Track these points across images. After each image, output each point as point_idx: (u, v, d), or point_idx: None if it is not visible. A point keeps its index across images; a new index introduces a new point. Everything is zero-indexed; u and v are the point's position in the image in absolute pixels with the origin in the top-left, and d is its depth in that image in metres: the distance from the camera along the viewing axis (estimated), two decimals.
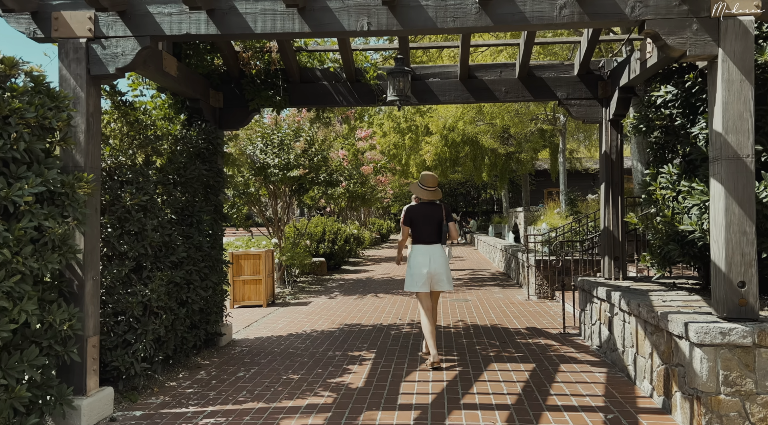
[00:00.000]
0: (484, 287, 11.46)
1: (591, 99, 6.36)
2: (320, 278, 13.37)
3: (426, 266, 5.41)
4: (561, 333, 6.78)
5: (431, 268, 5.41)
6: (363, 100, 6.60)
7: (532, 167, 24.96)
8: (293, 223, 13.90)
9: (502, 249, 14.79)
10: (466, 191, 41.13)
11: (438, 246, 5.50)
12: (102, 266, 4.55)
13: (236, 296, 9.34)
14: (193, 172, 5.64)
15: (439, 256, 5.47)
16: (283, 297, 10.33)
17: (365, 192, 18.77)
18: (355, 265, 17.23)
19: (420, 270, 5.41)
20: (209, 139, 6.11)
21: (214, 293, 6.03)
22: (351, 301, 9.78)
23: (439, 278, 5.45)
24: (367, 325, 7.56)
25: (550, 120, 18.38)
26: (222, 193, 6.42)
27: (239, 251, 9.40)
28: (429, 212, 5.52)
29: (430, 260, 5.42)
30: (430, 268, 5.40)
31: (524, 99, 6.51)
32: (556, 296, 9.49)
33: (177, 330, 5.17)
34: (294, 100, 6.62)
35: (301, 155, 10.55)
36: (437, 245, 5.50)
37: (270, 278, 9.75)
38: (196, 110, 6.20)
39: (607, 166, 6.29)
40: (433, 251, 5.46)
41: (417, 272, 5.43)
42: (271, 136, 10.61)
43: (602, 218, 6.38)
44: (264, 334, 7.09)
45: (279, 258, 10.94)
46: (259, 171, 10.47)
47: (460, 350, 6.02)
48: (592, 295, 5.97)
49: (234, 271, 9.33)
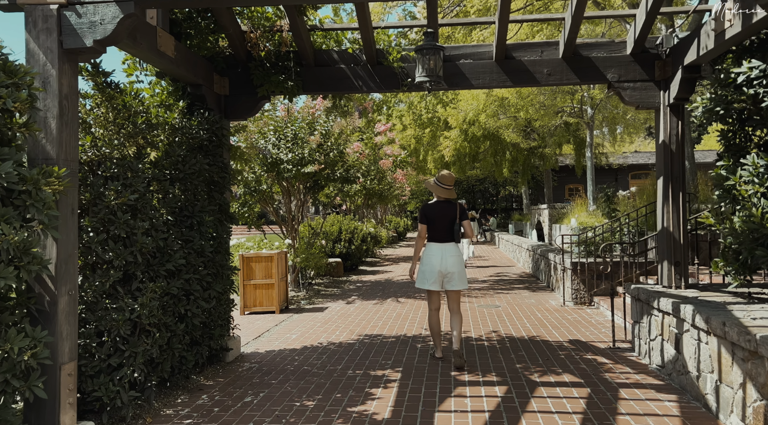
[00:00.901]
0: (513, 290, 10.66)
1: (646, 81, 5.55)
2: (336, 280, 12.67)
3: (438, 264, 5.40)
4: (610, 348, 5.99)
5: (443, 266, 5.40)
6: (385, 85, 5.85)
7: (556, 163, 24.05)
8: (308, 221, 13.21)
9: (528, 249, 13.97)
10: (485, 188, 40.24)
11: (452, 244, 5.50)
12: (82, 278, 3.87)
13: (247, 302, 8.66)
14: (193, 166, 4.94)
15: (452, 254, 5.46)
16: (298, 302, 9.64)
17: (382, 189, 18.05)
18: (373, 265, 16.51)
19: (432, 268, 5.42)
20: (213, 129, 5.41)
21: (218, 304, 5.33)
22: (370, 307, 9.05)
23: (450, 277, 5.42)
24: (390, 336, 6.82)
25: (576, 113, 17.49)
26: (228, 190, 5.72)
27: (250, 254, 8.72)
28: (444, 210, 5.54)
29: (442, 258, 5.42)
30: (441, 266, 5.40)
31: (569, 82, 5.72)
32: (594, 303, 8.68)
33: (174, 350, 4.48)
34: (308, 86, 5.89)
35: (316, 150, 9.84)
36: (451, 243, 5.50)
37: (283, 282, 9.06)
38: (198, 97, 5.50)
39: (665, 157, 5.48)
40: (446, 250, 5.46)
41: (428, 270, 5.44)
42: (284, 129, 9.91)
43: (660, 217, 5.58)
44: (276, 347, 6.39)
45: (293, 260, 10.25)
46: (272, 167, 9.78)
47: (499, 370, 5.26)
48: (652, 306, 5.18)
49: (244, 275, 8.65)
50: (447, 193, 5.58)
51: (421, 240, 5.70)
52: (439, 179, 5.61)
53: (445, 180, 5.59)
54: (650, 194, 10.27)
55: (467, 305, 8.97)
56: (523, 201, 31.80)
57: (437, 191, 5.60)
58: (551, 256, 10.52)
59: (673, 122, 5.45)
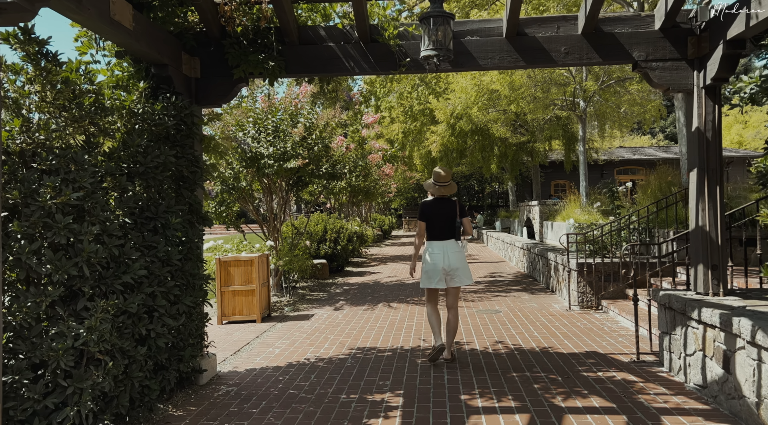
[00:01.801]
0: (511, 293, 10.01)
1: (678, 60, 4.89)
2: (322, 283, 11.91)
3: (441, 261, 5.37)
4: (634, 361, 5.34)
5: (446, 263, 5.37)
6: (381, 66, 5.12)
7: (545, 158, 23.50)
8: (291, 221, 12.43)
9: (523, 248, 13.35)
10: (470, 185, 39.70)
11: (452, 241, 5.47)
12: (10, 297, 3.09)
13: (225, 310, 7.88)
14: (156, 159, 4.16)
15: (454, 251, 5.43)
16: (281, 309, 8.87)
17: (368, 186, 17.33)
18: (359, 266, 15.77)
19: (435, 267, 5.39)
20: (181, 116, 4.63)
21: (189, 320, 4.56)
22: (360, 313, 8.32)
23: (455, 274, 5.39)
24: (385, 349, 6.10)
25: (568, 106, 16.92)
26: (199, 187, 4.95)
27: (228, 257, 7.94)
28: (443, 207, 5.53)
29: (444, 255, 5.39)
30: (444, 263, 5.37)
31: (590, 61, 5.04)
32: (603, 307, 8.05)
33: (134, 379, 3.71)
34: (291, 67, 5.14)
35: (299, 144, 9.07)
36: (451, 240, 5.47)
37: (265, 288, 8.29)
38: (164, 79, 4.72)
39: (700, 147, 4.84)
40: (448, 247, 5.43)
41: (432, 269, 5.41)
42: (264, 121, 9.12)
43: (693, 214, 4.93)
44: (257, 364, 5.64)
45: (275, 263, 9.48)
46: (251, 162, 9.00)
47: (515, 391, 4.57)
48: (689, 316, 4.53)
49: (222, 280, 7.86)
50: (444, 190, 5.55)
51: (421, 238, 5.66)
52: (435, 179, 5.57)
53: (441, 178, 5.55)
54: (655, 190, 9.69)
55: (465, 311, 8.29)
56: (509, 198, 31.28)
57: (434, 190, 5.57)
58: (551, 256, 9.89)
59: (708, 106, 4.80)
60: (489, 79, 15.04)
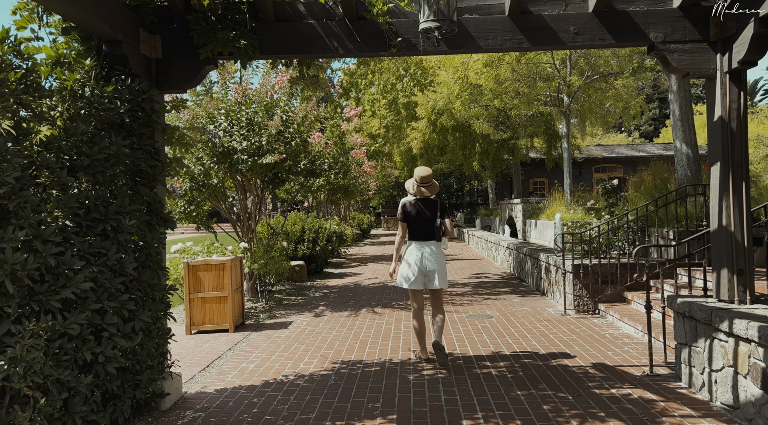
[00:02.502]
0: (500, 296, 9.51)
1: (699, 42, 4.41)
2: (300, 286, 11.27)
3: (418, 262, 5.32)
4: (648, 375, 4.85)
5: (423, 265, 5.32)
6: (368, 46, 4.53)
7: (527, 155, 23.16)
8: (266, 220, 11.77)
9: (509, 248, 12.89)
10: (449, 183, 39.32)
11: (433, 243, 5.39)
12: None
13: (194, 319, 7.21)
14: (106, 150, 3.52)
15: (433, 253, 5.35)
16: (256, 315, 8.23)
17: (348, 184, 16.72)
18: (339, 267, 15.15)
19: (412, 267, 5.34)
20: (137, 102, 3.99)
21: (148, 338, 3.92)
22: (342, 320, 7.73)
23: (432, 276, 5.32)
24: (372, 363, 5.53)
25: (553, 101, 16.53)
26: (160, 184, 4.31)
27: (197, 261, 7.27)
28: (424, 207, 5.44)
29: (422, 256, 5.34)
30: (422, 265, 5.32)
31: (602, 43, 4.52)
32: (600, 311, 7.59)
33: (76, 415, 3.07)
34: (266, 47, 4.53)
35: (275, 138, 8.43)
36: (432, 241, 5.40)
37: (238, 294, 7.64)
38: (118, 58, 4.07)
39: (723, 138, 4.36)
40: (427, 248, 5.37)
41: (409, 269, 5.36)
42: (238, 113, 8.46)
43: (716, 213, 4.45)
44: (229, 383, 5.01)
45: (249, 266, 8.82)
46: (223, 157, 8.33)
47: (523, 414, 4.03)
48: (715, 328, 4.04)
49: (191, 286, 7.19)
50: (426, 190, 5.46)
51: (402, 239, 5.57)
52: (417, 180, 5.46)
53: (423, 179, 5.44)
54: (650, 188, 9.29)
55: (455, 316, 7.76)
56: (489, 196, 30.93)
57: (419, 192, 5.47)
58: (542, 257, 9.42)
59: (733, 93, 4.32)
60: (473, 73, 14.55)
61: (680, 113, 9.20)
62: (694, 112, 9.17)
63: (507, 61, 13.85)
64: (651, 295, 7.12)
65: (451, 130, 20.05)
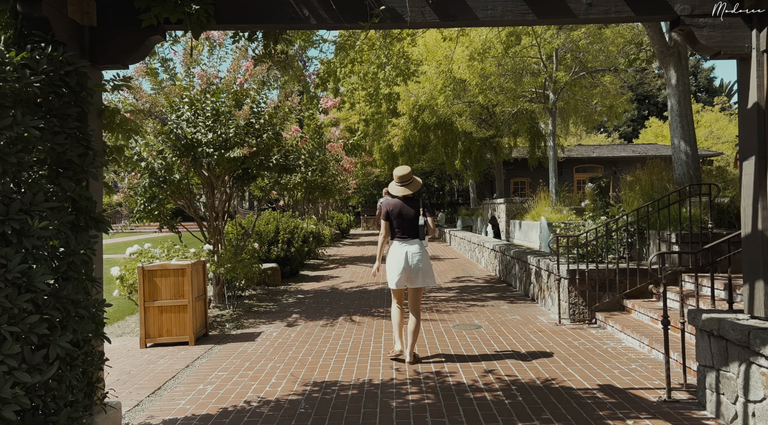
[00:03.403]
0: (487, 302, 8.88)
1: (732, 16, 3.79)
2: (273, 291, 10.51)
3: (402, 262, 5.33)
4: (665, 401, 4.23)
5: (406, 264, 5.32)
6: (346, 15, 3.82)
7: (509, 154, 22.65)
8: (237, 220, 10.98)
9: (494, 249, 12.28)
10: (430, 183, 38.75)
11: (416, 241, 5.39)
12: None
13: (150, 331, 6.44)
14: (7, 131, 2.76)
15: (416, 252, 5.35)
16: (222, 325, 7.47)
17: (326, 181, 15.98)
18: (315, 269, 14.40)
19: (396, 266, 5.35)
20: (60, 75, 3.23)
21: (68, 368, 3.16)
22: (317, 331, 7.01)
23: (415, 275, 5.33)
24: (349, 385, 4.82)
25: (539, 98, 15.98)
26: (93, 177, 3.54)
27: (154, 266, 6.49)
28: (405, 206, 5.43)
29: (406, 255, 5.34)
30: (406, 264, 5.32)
31: (618, 16, 3.88)
32: (597, 320, 6.99)
33: None
34: (224, 14, 3.79)
35: (244, 129, 7.67)
36: (415, 240, 5.40)
37: (201, 302, 6.87)
38: (37, 22, 3.31)
39: (759, 129, 3.74)
40: (410, 247, 5.36)
41: (393, 269, 5.39)
42: (203, 103, 7.68)
43: (748, 214, 3.84)
44: (180, 411, 4.27)
45: (215, 271, 8.05)
46: (186, 150, 7.55)
47: None
48: (755, 351, 3.42)
49: (146, 294, 6.42)
50: (405, 190, 5.44)
51: (384, 238, 5.55)
52: (396, 181, 5.48)
53: (401, 177, 5.45)
54: (646, 188, 8.74)
55: (440, 326, 7.10)
56: (470, 196, 30.41)
57: (396, 191, 5.46)
58: (532, 260, 8.81)
59: None
60: (457, 67, 13.92)
61: (679, 108, 8.66)
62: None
63: (492, 55, 13.25)
64: (652, 304, 6.54)
65: (433, 127, 19.44)
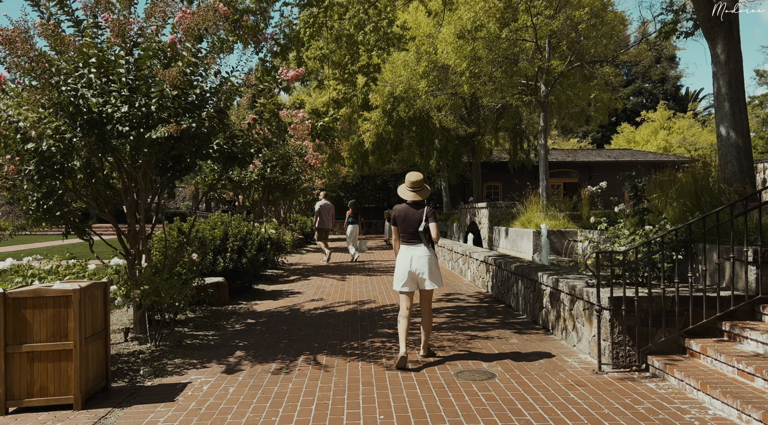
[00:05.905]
0: (489, 331, 6.98)
1: None
2: (217, 313, 8.38)
3: (408, 265, 5.49)
4: None
5: (413, 267, 5.47)
6: None
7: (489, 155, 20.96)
8: (176, 224, 8.84)
9: (485, 262, 10.42)
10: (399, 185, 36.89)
11: (421, 246, 5.53)
12: None
13: (14, 389, 4.31)
14: None
15: (421, 256, 5.48)
16: (135, 369, 5.37)
17: (287, 180, 13.92)
18: (273, 281, 12.26)
19: (403, 270, 5.52)
20: None
21: None
22: (267, 382, 4.98)
23: (422, 277, 5.48)
24: None
25: (530, 90, 14.27)
26: None
27: (21, 291, 4.36)
28: (411, 212, 5.59)
29: (411, 259, 5.49)
30: (411, 267, 5.48)
31: None
32: (650, 367, 5.16)
33: None
34: None
35: (173, 100, 5.61)
36: (420, 244, 5.53)
37: (99, 342, 4.77)
38: None
39: None
40: (415, 251, 5.52)
41: (400, 272, 5.55)
42: (115, 61, 5.58)
43: None
44: None
45: (122, 295, 5.93)
46: (89, 127, 5.43)
47: None
48: None
49: (10, 334, 4.30)
50: (415, 195, 5.61)
51: (396, 241, 5.72)
52: (408, 185, 5.67)
53: (414, 184, 5.64)
54: (689, 191, 7.00)
55: (437, 373, 5.17)
56: (443, 200, 28.68)
57: (405, 195, 5.64)
58: (545, 279, 6.96)
59: None
60: (443, 49, 12.07)
61: (729, 91, 6.96)
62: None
63: (483, 36, 11.44)
64: (731, 347, 4.75)
65: (408, 122, 17.56)
